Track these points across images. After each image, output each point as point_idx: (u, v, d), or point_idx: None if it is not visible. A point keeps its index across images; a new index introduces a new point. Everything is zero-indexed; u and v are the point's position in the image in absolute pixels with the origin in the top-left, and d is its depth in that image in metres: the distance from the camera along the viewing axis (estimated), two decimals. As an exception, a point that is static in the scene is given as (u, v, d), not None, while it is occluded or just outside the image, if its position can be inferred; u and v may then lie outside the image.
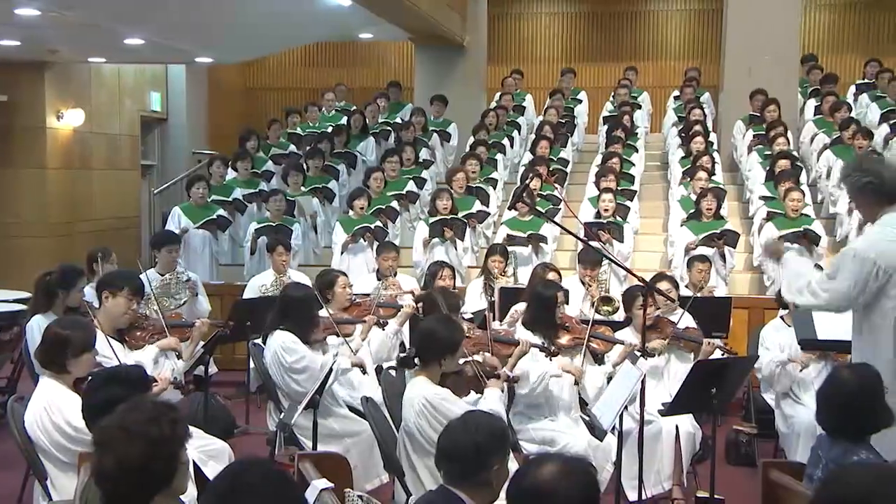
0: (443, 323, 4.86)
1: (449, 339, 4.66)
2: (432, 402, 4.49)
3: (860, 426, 3.68)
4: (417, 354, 4.72)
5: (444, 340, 4.65)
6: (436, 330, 4.72)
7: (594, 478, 2.56)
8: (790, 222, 8.95)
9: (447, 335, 4.68)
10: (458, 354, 4.74)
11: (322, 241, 10.54)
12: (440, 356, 4.62)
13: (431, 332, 4.72)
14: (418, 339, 4.79)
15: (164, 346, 5.50)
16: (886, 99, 12.27)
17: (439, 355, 4.62)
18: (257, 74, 18.17)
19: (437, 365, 4.64)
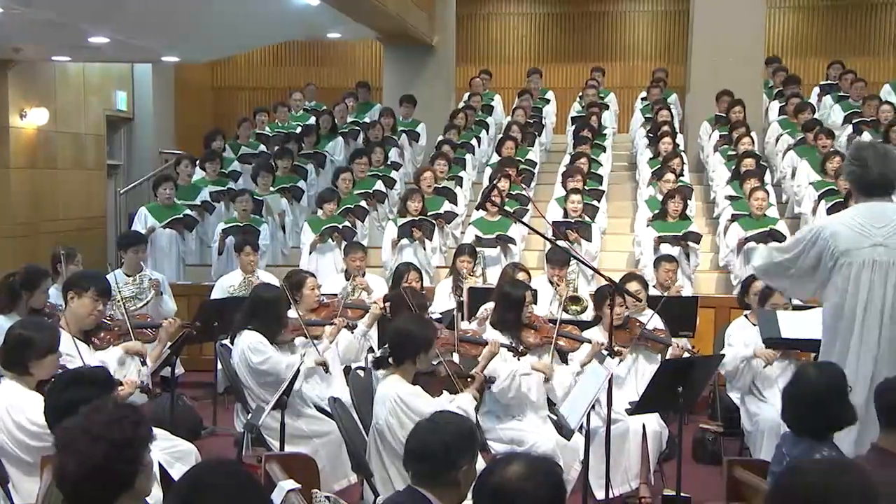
0: (415, 321, 4.89)
1: (422, 337, 4.68)
2: (405, 399, 4.49)
3: (825, 424, 3.73)
4: (391, 354, 4.73)
5: (418, 339, 4.66)
6: (409, 329, 4.74)
7: (560, 477, 2.57)
8: (755, 222, 9.05)
9: (420, 333, 4.70)
10: (432, 352, 4.75)
11: (290, 242, 10.51)
12: (414, 355, 4.64)
13: (404, 331, 4.74)
14: (391, 338, 4.80)
15: (129, 349, 5.45)
16: (849, 100, 12.43)
17: (413, 354, 4.63)
18: (225, 74, 18.06)
19: (411, 364, 4.65)
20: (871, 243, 4.39)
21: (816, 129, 10.77)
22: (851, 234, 4.43)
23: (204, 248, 10.28)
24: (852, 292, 4.40)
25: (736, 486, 3.96)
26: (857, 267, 4.39)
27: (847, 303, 4.41)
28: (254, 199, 9.87)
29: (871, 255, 4.39)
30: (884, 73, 15.25)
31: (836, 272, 4.44)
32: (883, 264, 4.37)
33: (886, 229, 4.40)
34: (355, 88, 13.79)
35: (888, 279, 4.36)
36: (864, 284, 4.37)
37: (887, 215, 4.45)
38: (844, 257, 4.42)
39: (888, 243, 4.38)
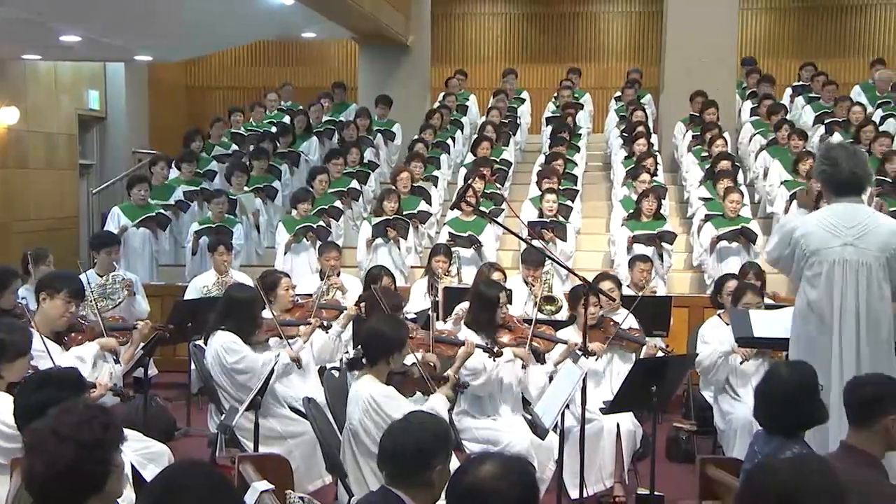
0: (388, 322, 4.89)
1: (395, 337, 4.68)
2: (378, 400, 4.48)
3: (796, 422, 3.76)
4: (364, 354, 4.72)
5: (391, 339, 4.66)
6: (382, 329, 4.74)
7: (532, 477, 2.57)
8: (728, 222, 9.12)
9: (393, 334, 4.70)
10: (405, 352, 4.75)
11: (265, 241, 10.47)
12: (387, 355, 4.63)
13: (377, 331, 4.74)
14: (365, 338, 4.81)
15: (104, 345, 5.40)
16: (821, 101, 12.55)
17: (386, 354, 4.63)
18: (200, 73, 17.96)
19: (384, 364, 4.65)
20: (842, 243, 4.45)
21: (788, 129, 10.87)
22: (822, 234, 4.48)
23: (177, 249, 10.23)
24: (824, 292, 4.45)
25: (709, 484, 3.99)
26: (827, 266, 4.44)
27: (819, 302, 4.46)
28: (228, 199, 9.82)
29: (842, 254, 4.44)
30: (855, 74, 15.39)
31: (808, 271, 4.49)
32: (853, 264, 4.42)
33: (856, 229, 4.45)
34: (331, 89, 13.77)
35: (859, 279, 4.41)
36: (837, 284, 4.42)
37: (857, 216, 4.50)
38: (815, 257, 4.47)
39: (857, 243, 4.44)
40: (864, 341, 4.39)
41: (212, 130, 12.22)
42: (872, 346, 4.40)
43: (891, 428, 3.50)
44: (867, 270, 4.42)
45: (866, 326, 4.40)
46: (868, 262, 4.42)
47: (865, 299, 4.41)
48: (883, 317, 4.45)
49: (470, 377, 5.56)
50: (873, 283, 4.42)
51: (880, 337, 4.44)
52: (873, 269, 4.42)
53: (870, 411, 3.51)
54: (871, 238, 4.45)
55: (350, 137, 11.68)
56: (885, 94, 12.54)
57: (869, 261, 4.42)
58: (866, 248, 4.43)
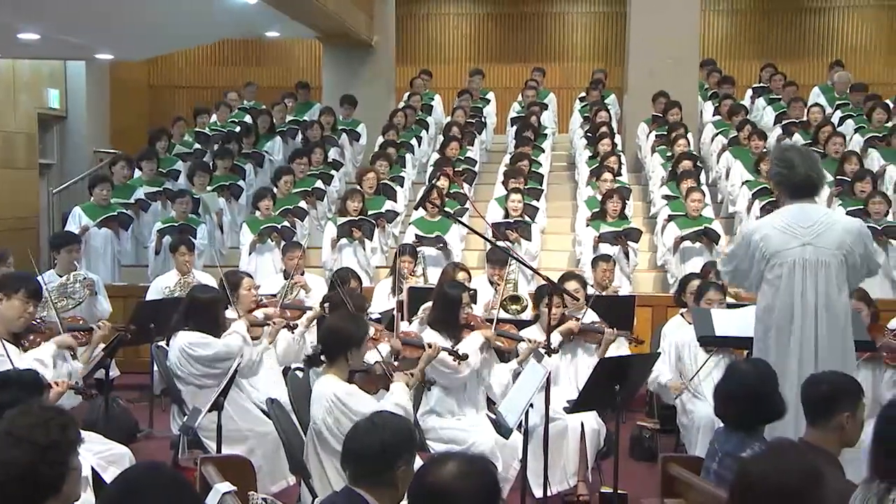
0: (346, 319, 4.89)
1: (353, 333, 4.66)
2: (341, 398, 4.46)
3: (758, 417, 3.82)
4: (323, 351, 4.71)
5: (349, 335, 4.64)
6: (340, 326, 4.74)
7: (494, 477, 2.57)
8: (691, 222, 9.20)
9: (351, 330, 4.68)
10: (364, 349, 4.73)
11: (228, 241, 10.40)
12: (345, 351, 4.61)
13: (335, 328, 4.74)
14: (323, 336, 4.80)
15: (60, 343, 5.33)
16: (781, 102, 12.69)
17: (345, 350, 4.61)
18: (162, 72, 17.79)
19: (343, 360, 4.62)
20: (801, 243, 4.50)
21: (750, 130, 10.99)
22: (780, 236, 4.53)
23: (139, 249, 10.14)
24: (785, 292, 4.49)
25: (671, 482, 4.02)
26: (787, 267, 4.49)
27: (781, 302, 4.50)
28: (192, 199, 9.75)
29: (801, 254, 4.49)
30: (814, 76, 15.61)
31: (769, 273, 4.54)
32: (812, 263, 4.48)
33: (813, 229, 4.51)
34: (295, 88, 13.70)
35: (818, 278, 4.47)
36: (797, 284, 4.47)
37: (813, 215, 4.57)
38: (775, 258, 4.51)
39: (816, 242, 4.49)
40: (825, 339, 4.45)
41: (173, 130, 12.10)
42: (832, 343, 4.46)
43: (846, 425, 3.55)
44: (826, 268, 4.48)
45: (827, 324, 4.45)
46: (827, 261, 4.48)
47: (825, 296, 4.47)
48: (842, 313, 4.51)
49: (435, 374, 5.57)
50: (832, 280, 4.48)
51: (840, 334, 4.50)
52: (832, 266, 4.48)
53: (826, 409, 3.56)
54: (828, 236, 4.51)
55: (314, 137, 11.64)
56: (843, 96, 12.72)
57: (828, 259, 4.48)
58: (824, 247, 4.49)
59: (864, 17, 17.07)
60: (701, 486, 3.79)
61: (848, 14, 17.08)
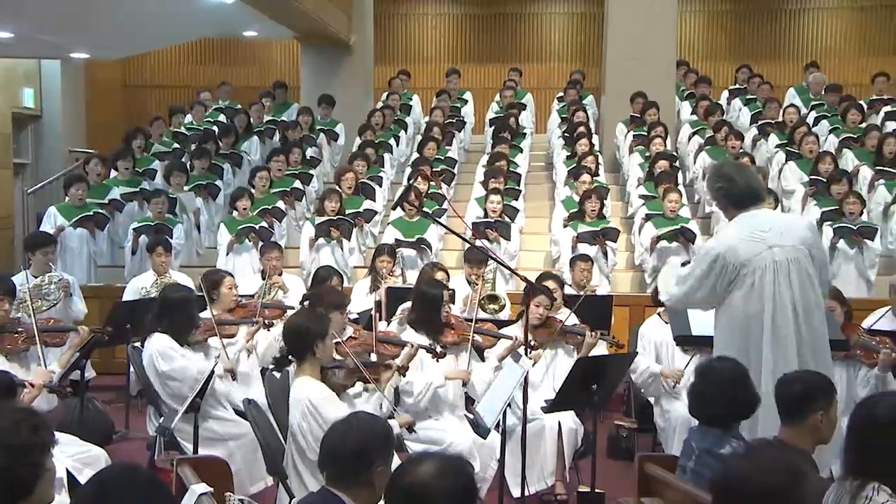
0: (305, 315, 4.93)
1: (314, 327, 4.66)
2: (315, 404, 4.45)
3: (734, 414, 3.86)
4: (289, 352, 4.70)
5: (310, 330, 4.64)
6: (300, 322, 4.77)
7: (471, 476, 2.58)
8: (668, 222, 9.24)
9: (311, 324, 4.70)
10: (329, 342, 4.69)
11: (205, 241, 10.36)
12: (311, 346, 4.60)
13: (296, 325, 4.76)
14: (286, 337, 4.80)
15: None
16: (757, 103, 12.78)
17: (310, 345, 4.60)
18: (138, 71, 17.69)
19: (311, 357, 4.61)
20: (767, 246, 4.54)
21: (725, 130, 11.05)
22: (746, 245, 4.56)
23: (115, 249, 10.07)
24: (759, 298, 4.51)
25: (647, 481, 4.04)
26: (759, 272, 4.52)
27: (755, 309, 4.51)
28: (168, 199, 9.70)
29: (771, 257, 4.53)
30: (789, 77, 15.73)
31: (740, 282, 4.54)
32: (782, 264, 4.52)
33: (774, 231, 4.58)
34: (272, 88, 13.66)
35: (791, 276, 4.50)
36: (768, 286, 4.50)
37: (768, 220, 4.66)
38: (746, 268, 4.53)
39: (781, 242, 4.55)
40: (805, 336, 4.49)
41: (151, 129, 12.02)
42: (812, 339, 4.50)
43: (820, 423, 3.59)
44: (797, 265, 4.53)
45: (805, 321, 4.49)
46: (796, 257, 4.53)
47: (801, 294, 4.50)
48: (816, 308, 4.56)
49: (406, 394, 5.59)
50: (805, 275, 4.54)
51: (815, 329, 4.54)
52: (801, 262, 4.54)
53: (800, 408, 3.59)
54: (790, 234, 4.58)
55: (293, 137, 11.60)
56: (818, 97, 12.82)
57: (797, 255, 4.54)
58: (790, 245, 4.55)
59: (838, 19, 17.24)
60: (677, 485, 3.81)
61: (822, 16, 17.25)
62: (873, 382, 5.83)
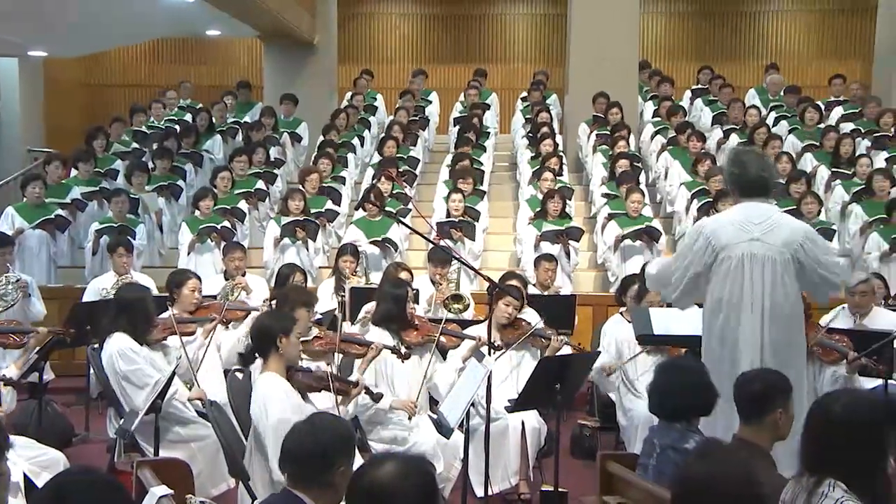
0: (269, 313, 4.98)
1: (277, 323, 4.65)
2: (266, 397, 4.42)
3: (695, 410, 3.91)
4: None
5: (274, 326, 4.63)
6: (263, 320, 4.78)
7: (432, 477, 2.57)
8: (631, 221, 9.30)
9: (275, 321, 4.69)
10: (294, 339, 4.67)
11: (168, 242, 10.27)
12: (274, 342, 4.57)
13: (259, 322, 4.77)
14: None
15: None
16: (718, 103, 12.91)
17: (273, 341, 4.57)
18: (99, 70, 17.50)
19: (276, 353, 4.58)
20: (749, 238, 4.60)
21: (688, 131, 11.15)
22: (731, 230, 4.62)
23: (75, 250, 9.95)
24: (732, 286, 4.57)
25: (609, 479, 4.06)
26: (735, 261, 4.58)
27: (727, 297, 4.58)
28: (130, 199, 9.60)
29: (749, 249, 4.58)
30: (750, 78, 15.92)
31: (717, 267, 4.62)
32: (759, 258, 4.57)
33: (764, 225, 4.62)
34: (235, 88, 13.56)
35: (764, 273, 4.56)
36: (746, 278, 4.55)
37: (765, 213, 4.68)
38: (724, 252, 4.60)
39: (764, 238, 4.59)
40: (767, 335, 4.53)
41: (111, 129, 11.88)
42: (776, 336, 4.54)
43: (779, 421, 3.63)
44: (772, 265, 4.57)
45: (770, 320, 4.54)
46: (773, 257, 4.57)
47: (770, 293, 4.55)
48: (785, 312, 4.59)
49: None
50: (777, 277, 4.57)
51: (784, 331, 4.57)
52: (778, 263, 4.57)
53: (759, 406, 3.63)
54: (777, 234, 4.61)
55: (257, 137, 11.53)
56: (777, 98, 12.98)
57: (774, 255, 4.57)
58: (772, 244, 4.59)
59: (796, 21, 17.49)
60: (638, 483, 3.84)
61: (781, 18, 17.49)
62: (841, 382, 5.91)
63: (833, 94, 13.07)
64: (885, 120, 11.49)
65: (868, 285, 6.76)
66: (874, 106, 11.91)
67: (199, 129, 11.97)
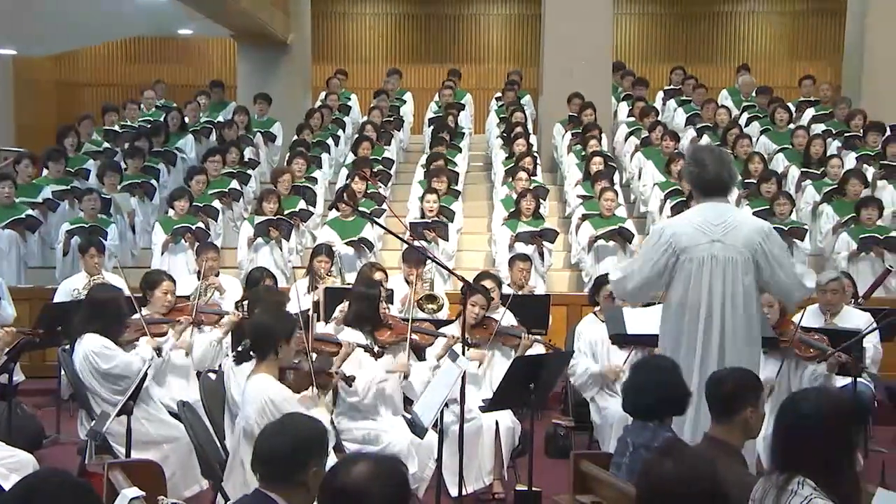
0: (273, 314, 4.91)
1: (282, 327, 4.65)
2: (276, 403, 4.42)
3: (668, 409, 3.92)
4: (252, 348, 4.66)
5: (277, 330, 4.63)
6: (267, 320, 4.74)
7: (405, 477, 2.57)
8: (605, 221, 9.34)
9: (280, 324, 4.68)
10: (294, 343, 4.68)
11: (141, 242, 10.19)
12: (275, 345, 4.58)
13: (263, 323, 4.74)
14: (251, 332, 4.77)
15: None
16: (691, 104, 13.00)
17: (274, 345, 4.58)
18: (72, 69, 17.37)
19: (273, 356, 4.59)
20: (710, 240, 4.60)
21: (662, 131, 11.21)
22: (691, 232, 4.62)
23: (46, 250, 9.85)
24: (694, 288, 4.58)
25: (582, 478, 4.08)
26: (696, 263, 4.58)
27: (690, 299, 4.59)
28: (101, 199, 9.52)
29: (710, 250, 4.59)
30: (722, 79, 16.04)
31: (679, 269, 4.62)
32: (720, 260, 4.58)
33: (723, 226, 4.62)
34: (209, 87, 13.49)
35: (726, 275, 4.57)
36: (705, 280, 4.57)
37: (724, 214, 4.67)
38: (685, 254, 4.60)
39: (725, 240, 4.59)
40: (730, 336, 4.55)
41: (80, 128, 11.74)
42: (738, 341, 4.56)
43: (749, 419, 3.65)
44: (734, 266, 4.58)
45: (732, 321, 4.55)
46: (734, 258, 4.58)
47: (731, 294, 4.57)
48: (749, 312, 4.61)
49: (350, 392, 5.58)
50: (738, 277, 4.58)
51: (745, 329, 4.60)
52: (739, 264, 4.58)
53: (730, 405, 3.65)
54: (737, 235, 4.60)
55: (230, 137, 11.47)
56: (749, 98, 13.08)
57: (735, 256, 4.58)
58: (732, 245, 4.59)
59: (768, 23, 17.66)
60: (611, 482, 3.86)
61: (753, 20, 17.65)
62: (821, 381, 5.95)
63: (803, 95, 13.18)
64: (855, 122, 11.60)
65: (839, 283, 6.84)
66: (844, 107, 12.02)
67: (171, 127, 11.89)
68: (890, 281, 9.01)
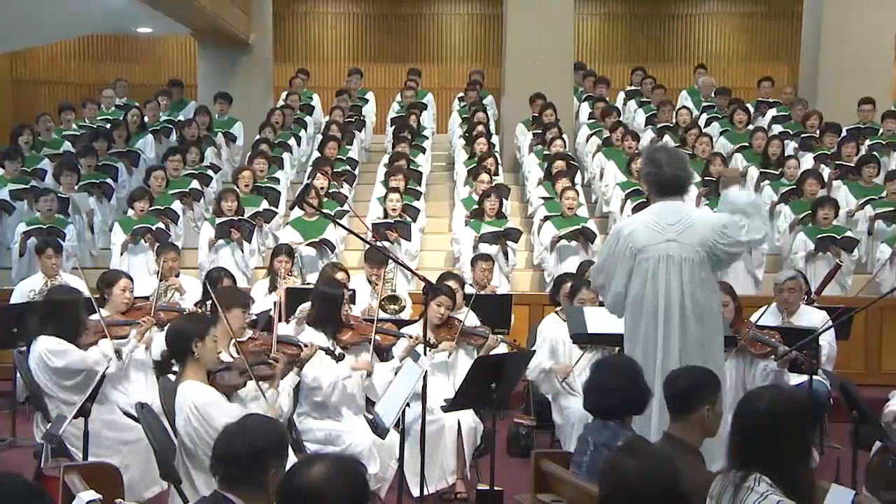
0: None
1: (192, 327, 4.61)
2: (199, 407, 4.38)
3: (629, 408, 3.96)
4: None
5: (188, 330, 4.59)
6: (177, 324, 4.74)
7: (363, 477, 2.57)
8: (567, 222, 9.38)
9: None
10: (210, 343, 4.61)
11: (99, 243, 10.07)
12: (188, 346, 4.52)
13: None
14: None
15: None
16: (651, 104, 13.10)
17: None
18: (26, 67, 17.08)
19: (192, 358, 4.53)
20: (665, 239, 4.64)
21: (621, 131, 11.29)
22: (647, 232, 4.66)
23: (2, 251, 9.71)
24: (651, 287, 4.62)
25: (543, 477, 4.09)
26: (653, 262, 4.62)
27: (647, 298, 4.63)
28: (59, 199, 9.39)
29: (665, 250, 4.63)
30: (681, 79, 16.21)
31: (636, 268, 4.66)
32: (676, 259, 4.62)
33: (678, 226, 4.66)
34: (168, 86, 13.35)
35: (682, 273, 4.61)
36: (662, 279, 4.60)
37: (679, 213, 4.72)
38: (642, 254, 4.64)
39: (679, 239, 4.64)
40: (690, 334, 4.59)
41: (37, 126, 11.56)
42: (697, 338, 4.60)
43: (707, 417, 3.69)
44: (690, 265, 4.62)
45: (693, 319, 4.60)
46: (690, 257, 4.62)
47: (690, 293, 4.61)
48: (707, 310, 4.66)
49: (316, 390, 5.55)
50: (695, 276, 4.62)
51: (706, 329, 4.63)
52: (695, 262, 4.63)
53: (687, 403, 3.69)
54: (691, 233, 4.65)
55: (191, 136, 11.36)
56: (708, 99, 13.21)
57: (691, 255, 4.62)
58: (687, 243, 4.64)
59: (724, 25, 17.87)
60: (572, 481, 3.88)
61: (710, 22, 17.86)
62: (772, 378, 6.03)
63: (762, 96, 13.34)
64: (811, 123, 11.76)
65: (796, 282, 6.94)
66: (801, 108, 12.18)
67: (130, 126, 11.75)
68: (845, 279, 9.16)
